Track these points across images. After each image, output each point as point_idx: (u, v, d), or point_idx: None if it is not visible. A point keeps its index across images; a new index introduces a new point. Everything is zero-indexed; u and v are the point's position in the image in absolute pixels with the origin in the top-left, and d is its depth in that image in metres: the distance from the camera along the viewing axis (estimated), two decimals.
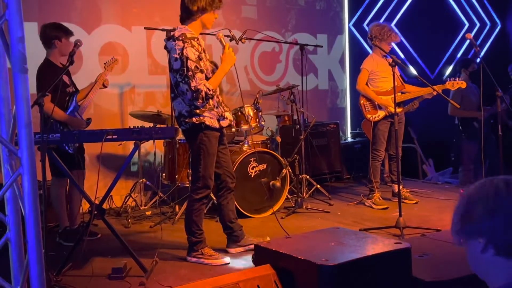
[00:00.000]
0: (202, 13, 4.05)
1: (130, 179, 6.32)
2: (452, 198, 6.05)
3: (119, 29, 6.37)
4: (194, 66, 3.95)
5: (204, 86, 3.96)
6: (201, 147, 4.10)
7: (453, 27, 9.14)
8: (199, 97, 3.95)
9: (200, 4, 4.00)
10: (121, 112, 6.39)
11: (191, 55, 3.95)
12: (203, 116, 4.06)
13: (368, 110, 5.91)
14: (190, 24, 4.10)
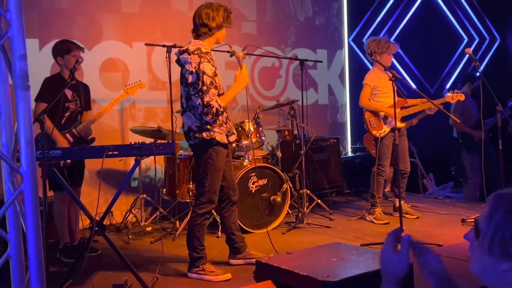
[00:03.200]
0: (218, 29, 4.21)
1: (131, 195, 6.31)
2: (453, 213, 6.04)
3: (119, 45, 6.40)
4: (210, 82, 4.03)
5: (216, 102, 4.04)
6: (209, 162, 4.15)
7: (452, 41, 9.18)
8: (210, 112, 4.03)
9: (218, 21, 4.18)
10: (122, 128, 6.40)
11: (207, 70, 4.05)
12: (213, 131, 4.12)
13: (373, 126, 5.87)
14: (206, 39, 4.23)
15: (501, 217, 1.51)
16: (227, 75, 6.96)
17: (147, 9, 6.55)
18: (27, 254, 2.38)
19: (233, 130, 4.36)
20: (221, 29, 4.24)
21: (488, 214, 1.56)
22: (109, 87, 6.31)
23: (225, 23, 4.23)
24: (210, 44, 4.25)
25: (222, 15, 4.20)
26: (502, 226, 1.51)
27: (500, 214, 1.52)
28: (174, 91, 6.33)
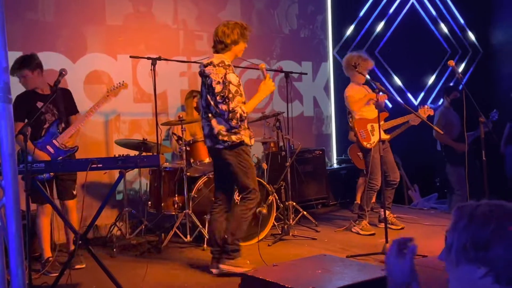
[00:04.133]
0: (235, 44, 4.55)
1: (116, 208, 6.27)
2: (438, 224, 6.07)
3: (104, 57, 6.38)
4: (235, 90, 4.39)
5: (240, 108, 4.38)
6: (243, 162, 4.52)
7: (436, 54, 9.27)
8: (234, 117, 4.36)
9: (233, 37, 4.53)
10: (106, 140, 6.37)
11: (233, 80, 4.43)
12: (240, 134, 4.48)
13: (364, 137, 5.88)
14: (225, 53, 4.57)
15: (463, 226, 1.58)
16: None
17: (132, 21, 6.55)
18: (9, 268, 2.34)
19: (253, 134, 4.68)
20: (238, 44, 4.56)
21: (452, 226, 1.63)
22: (94, 99, 6.23)
23: (240, 39, 4.56)
24: (229, 57, 4.58)
25: (237, 32, 4.53)
26: (463, 233, 1.58)
27: (462, 223, 1.59)
28: (159, 103, 6.37)
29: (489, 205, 1.63)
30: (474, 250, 1.56)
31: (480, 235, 1.56)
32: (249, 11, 7.50)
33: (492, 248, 1.54)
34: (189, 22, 6.97)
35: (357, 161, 6.94)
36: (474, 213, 1.62)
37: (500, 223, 1.57)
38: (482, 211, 1.61)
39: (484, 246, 1.55)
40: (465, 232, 1.59)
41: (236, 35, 4.53)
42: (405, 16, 8.91)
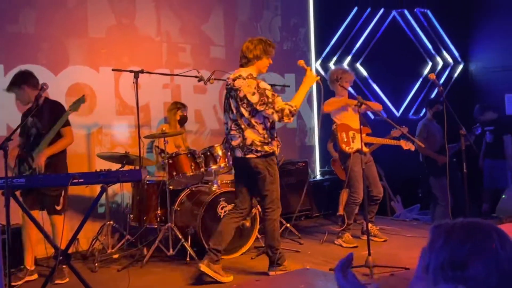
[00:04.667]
0: (257, 59, 4.75)
1: (97, 221, 6.20)
2: (420, 235, 6.10)
3: (86, 70, 6.35)
4: (271, 94, 4.62)
5: (287, 105, 4.60)
6: (272, 173, 4.73)
7: (417, 66, 9.36)
8: (284, 114, 4.57)
9: (255, 53, 4.74)
10: (88, 154, 6.32)
11: (267, 86, 4.69)
12: (272, 144, 4.71)
13: (345, 141, 5.91)
14: (249, 67, 4.78)
15: (440, 246, 1.58)
16: (196, 99, 7.00)
17: (114, 34, 6.53)
18: None
19: (280, 143, 4.88)
20: (261, 60, 4.76)
21: (429, 245, 1.63)
22: (76, 112, 6.21)
23: (263, 55, 4.75)
24: (253, 71, 4.77)
25: (260, 48, 4.74)
26: (440, 253, 1.57)
27: (439, 243, 1.59)
28: (142, 116, 6.32)
29: (465, 224, 1.65)
30: (452, 269, 1.57)
31: (457, 254, 1.58)
32: (232, 24, 7.52)
33: (470, 266, 1.55)
34: (172, 34, 6.97)
35: (340, 173, 6.97)
36: (451, 232, 1.63)
37: (477, 241, 1.58)
38: (459, 230, 1.63)
39: (462, 265, 1.56)
40: (442, 252, 1.60)
41: (259, 51, 4.73)
42: (386, 28, 8.99)
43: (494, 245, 1.55)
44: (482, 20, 9.54)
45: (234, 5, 7.55)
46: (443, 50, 9.59)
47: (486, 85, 9.57)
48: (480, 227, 1.62)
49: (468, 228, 1.61)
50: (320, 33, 8.36)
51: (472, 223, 1.64)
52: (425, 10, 9.41)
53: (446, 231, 1.62)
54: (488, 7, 9.44)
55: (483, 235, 1.59)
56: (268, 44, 4.80)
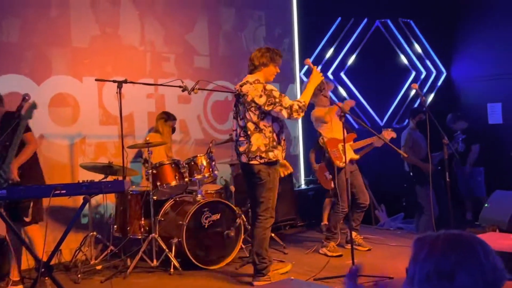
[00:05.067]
0: (264, 67, 4.93)
1: (80, 232, 6.14)
2: (404, 244, 6.12)
3: (69, 80, 6.30)
4: (279, 94, 4.77)
5: (296, 101, 4.76)
6: (271, 181, 4.83)
7: (400, 75, 9.43)
8: (293, 110, 4.71)
9: (261, 60, 4.92)
10: (72, 164, 6.27)
11: (273, 87, 4.82)
12: (277, 150, 4.81)
13: (336, 156, 5.93)
14: (257, 73, 4.95)
15: (424, 257, 1.62)
16: (180, 109, 6.98)
17: (98, 43, 6.50)
18: None
19: (285, 146, 4.98)
20: (267, 67, 4.93)
21: (412, 257, 1.67)
22: (59, 122, 6.21)
23: (270, 63, 4.92)
24: (260, 77, 4.92)
25: (267, 55, 4.92)
26: (425, 264, 1.61)
27: (423, 254, 1.63)
28: (126, 126, 6.32)
29: (449, 236, 1.67)
30: (438, 278, 1.59)
31: (443, 265, 1.60)
32: (216, 33, 7.52)
33: (456, 277, 1.57)
34: (156, 44, 6.96)
35: (324, 182, 6.98)
36: (435, 244, 1.65)
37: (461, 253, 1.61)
38: (442, 242, 1.65)
39: (448, 276, 1.58)
40: (427, 262, 1.62)
41: (265, 58, 4.91)
42: (370, 38, 9.06)
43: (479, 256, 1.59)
44: (464, 30, 9.64)
45: (219, 15, 7.56)
46: (426, 59, 9.67)
47: (468, 95, 9.67)
48: (463, 239, 1.65)
49: (452, 240, 1.64)
50: (304, 43, 8.39)
51: (455, 235, 1.66)
52: (408, 20, 9.49)
53: (430, 243, 1.65)
54: (471, 17, 9.55)
55: (467, 246, 1.62)
56: (275, 52, 4.97)
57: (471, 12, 9.54)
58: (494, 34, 9.15)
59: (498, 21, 9.12)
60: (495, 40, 9.15)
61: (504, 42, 9.01)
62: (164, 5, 7.03)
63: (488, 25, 9.27)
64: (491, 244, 4.07)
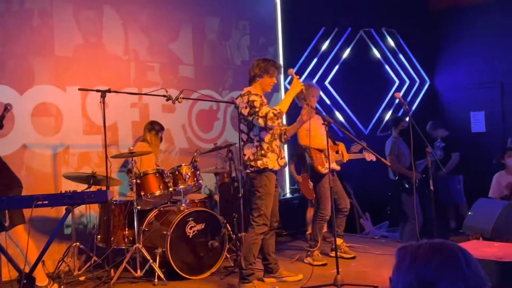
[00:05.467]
0: (259, 78, 5.05)
1: (64, 243, 6.08)
2: (388, 253, 6.14)
3: (53, 89, 6.25)
4: (259, 104, 4.88)
5: (270, 109, 4.86)
6: (263, 188, 4.94)
7: (384, 84, 9.50)
8: (268, 118, 4.81)
9: (255, 71, 5.06)
10: (55, 174, 6.22)
11: (255, 98, 4.92)
12: (267, 158, 4.92)
13: (319, 161, 5.94)
14: (252, 85, 5.10)
15: (407, 266, 1.63)
16: (165, 118, 6.96)
17: (81, 53, 6.47)
18: None
19: (283, 154, 5.10)
20: (262, 78, 5.04)
21: (395, 267, 1.67)
22: (42, 132, 6.16)
23: (264, 74, 5.03)
24: (255, 88, 5.07)
25: (260, 67, 5.04)
26: (408, 273, 1.62)
27: (405, 264, 1.64)
28: (110, 135, 6.28)
29: (431, 244, 1.68)
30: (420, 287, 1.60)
31: (425, 274, 1.61)
32: (201, 42, 7.52)
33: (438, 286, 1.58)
34: (140, 53, 6.95)
35: (307, 192, 6.98)
36: (417, 253, 1.67)
37: (443, 261, 1.62)
38: (424, 251, 1.66)
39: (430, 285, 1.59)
40: (410, 272, 1.63)
41: (259, 70, 5.03)
42: (354, 47, 9.12)
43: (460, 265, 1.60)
44: (447, 39, 9.74)
45: (203, 24, 7.57)
46: (410, 68, 9.75)
47: (452, 103, 9.76)
48: (445, 248, 1.66)
49: (434, 249, 1.65)
50: (289, 52, 8.42)
51: (437, 244, 1.68)
52: (392, 29, 9.57)
53: (412, 252, 1.66)
54: (454, 26, 9.65)
55: (449, 255, 1.64)
56: (270, 63, 5.07)
57: (454, 21, 9.65)
58: (477, 43, 9.27)
59: (481, 30, 9.24)
60: (478, 49, 9.26)
61: (486, 51, 9.12)
62: (148, 15, 7.02)
63: (471, 34, 9.38)
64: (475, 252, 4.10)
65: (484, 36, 9.19)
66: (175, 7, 7.27)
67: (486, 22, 9.18)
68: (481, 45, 9.22)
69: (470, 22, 9.41)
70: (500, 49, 8.98)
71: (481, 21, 9.25)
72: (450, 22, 9.72)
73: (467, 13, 9.45)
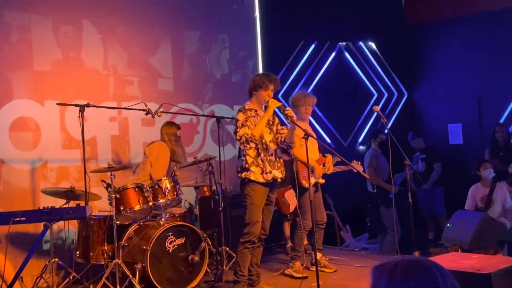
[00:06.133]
0: (255, 92, 5.26)
1: (42, 258, 6.01)
2: (368, 265, 6.15)
3: (31, 103, 6.21)
4: (240, 124, 5.08)
5: (244, 133, 5.02)
6: (247, 198, 5.14)
7: (363, 97, 9.60)
8: (241, 142, 5.09)
9: (252, 85, 5.30)
10: (33, 189, 6.15)
11: (240, 117, 5.13)
12: (250, 171, 5.12)
13: (304, 176, 5.95)
14: (251, 100, 5.31)
15: (384, 285, 1.64)
16: (144, 132, 6.95)
17: (60, 67, 6.43)
18: None
19: (269, 169, 5.19)
20: (258, 92, 5.23)
21: (372, 285, 1.69)
22: (20, 147, 6.10)
23: (259, 87, 5.22)
24: (254, 103, 5.29)
25: (255, 81, 5.27)
26: None
27: (383, 282, 1.65)
28: (88, 150, 6.25)
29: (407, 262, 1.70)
30: None
31: None
32: (180, 56, 7.54)
33: None
34: (119, 67, 6.93)
35: (282, 207, 7.00)
36: (393, 272, 1.67)
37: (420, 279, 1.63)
38: (401, 269, 1.67)
39: None
40: None
41: (253, 84, 5.27)
42: (333, 61, 9.21)
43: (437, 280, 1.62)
44: (425, 52, 9.90)
45: (182, 38, 7.58)
46: (388, 81, 9.87)
47: (430, 115, 9.89)
48: (421, 265, 1.67)
49: (410, 267, 1.66)
50: (268, 65, 8.46)
51: (413, 262, 1.69)
52: (370, 43, 9.69)
53: (389, 271, 1.67)
54: (430, 39, 9.80)
55: (425, 272, 1.65)
56: (264, 77, 5.29)
57: (431, 34, 9.80)
58: (454, 56, 9.43)
59: (457, 43, 9.41)
60: (455, 62, 9.42)
61: (463, 63, 9.28)
62: (127, 29, 7.02)
63: (447, 47, 9.54)
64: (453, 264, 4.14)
65: (461, 49, 9.35)
66: (154, 21, 7.28)
67: (462, 35, 9.36)
68: (458, 58, 9.38)
69: (447, 35, 9.58)
70: (476, 62, 9.14)
71: (458, 34, 9.42)
72: (427, 35, 9.87)
73: (443, 26, 9.62)
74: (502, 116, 8.91)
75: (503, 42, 8.87)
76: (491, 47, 9.00)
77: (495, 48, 8.95)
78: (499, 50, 8.91)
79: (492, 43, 8.99)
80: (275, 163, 5.28)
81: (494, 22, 8.98)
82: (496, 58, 8.94)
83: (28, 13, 6.25)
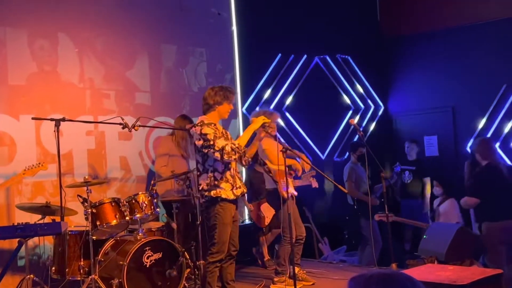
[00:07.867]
0: (218, 105, 5.08)
1: (17, 275, 5.92)
2: (346, 278, 6.15)
3: (6, 118, 6.14)
4: (213, 136, 4.88)
5: (229, 143, 4.88)
6: (217, 217, 4.98)
7: (340, 110, 9.67)
8: (225, 152, 4.82)
9: (216, 99, 5.07)
10: (7, 204, 6.07)
11: (208, 130, 4.91)
12: (220, 188, 4.96)
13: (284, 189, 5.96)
14: (209, 114, 5.12)
15: None
16: (121, 146, 6.91)
17: (35, 81, 6.38)
18: None
19: (238, 184, 5.11)
20: (222, 105, 5.08)
21: None
22: None
23: (224, 101, 5.07)
24: (213, 117, 5.13)
25: (220, 94, 5.06)
26: None
27: None
28: (64, 164, 6.19)
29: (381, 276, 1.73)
30: None
31: None
32: (158, 70, 7.53)
33: None
34: (96, 81, 6.90)
35: (258, 220, 7.00)
36: (369, 284, 1.70)
37: None
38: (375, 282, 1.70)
39: None
40: None
41: (219, 97, 5.06)
42: (310, 74, 9.27)
43: None
44: (399, 65, 10.03)
45: (159, 52, 7.58)
46: (364, 94, 9.96)
47: (406, 128, 10.00)
48: (395, 279, 1.71)
49: (385, 280, 1.70)
50: (246, 78, 8.50)
51: (387, 275, 1.73)
52: (346, 56, 9.78)
53: (364, 283, 1.70)
54: (405, 53, 9.95)
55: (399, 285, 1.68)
56: (228, 90, 5.14)
57: (405, 48, 9.95)
58: (428, 69, 9.58)
59: (431, 56, 9.56)
60: (429, 75, 9.57)
61: (438, 76, 9.43)
62: (103, 43, 6.99)
63: (421, 60, 9.69)
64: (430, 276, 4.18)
65: (434, 62, 9.51)
66: (131, 35, 7.26)
67: (437, 48, 9.51)
68: (432, 71, 9.53)
69: (421, 48, 9.73)
70: (450, 74, 9.30)
71: (432, 47, 9.57)
72: (401, 49, 10.02)
73: (418, 40, 9.77)
74: (476, 128, 9.03)
75: (476, 56, 9.04)
76: (465, 60, 9.17)
77: (469, 61, 9.12)
78: (473, 63, 9.08)
79: (465, 56, 9.17)
80: (240, 177, 5.26)
81: (467, 36, 9.15)
82: (469, 71, 9.11)
83: (3, 26, 6.20)
